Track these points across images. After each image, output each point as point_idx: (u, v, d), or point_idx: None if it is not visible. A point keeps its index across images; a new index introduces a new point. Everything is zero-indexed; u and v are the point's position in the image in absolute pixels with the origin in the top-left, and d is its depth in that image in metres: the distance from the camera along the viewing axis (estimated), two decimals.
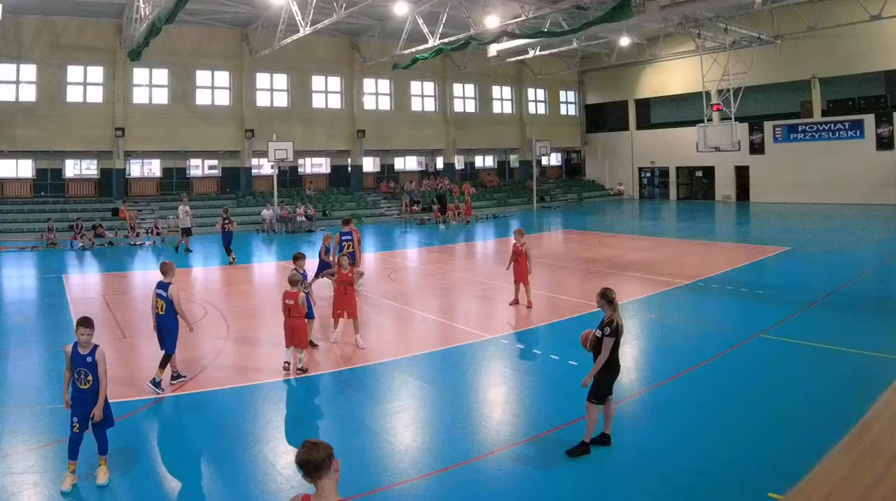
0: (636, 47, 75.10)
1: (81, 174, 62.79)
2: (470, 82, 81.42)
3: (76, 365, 12.32)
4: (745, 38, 63.97)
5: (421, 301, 29.41)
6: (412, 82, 76.46)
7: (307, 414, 16.65)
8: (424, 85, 78.03)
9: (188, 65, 63.42)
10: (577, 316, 24.79)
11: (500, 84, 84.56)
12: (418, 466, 13.11)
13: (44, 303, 30.64)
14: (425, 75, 76.21)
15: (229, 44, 64.93)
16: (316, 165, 74.27)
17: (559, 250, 46.58)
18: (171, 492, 12.38)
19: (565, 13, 51.36)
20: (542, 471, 12.90)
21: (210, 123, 64.06)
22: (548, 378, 18.78)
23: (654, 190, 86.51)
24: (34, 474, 12.77)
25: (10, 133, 55.95)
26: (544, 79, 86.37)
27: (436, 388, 17.96)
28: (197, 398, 17.25)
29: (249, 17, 60.61)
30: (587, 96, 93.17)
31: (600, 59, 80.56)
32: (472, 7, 51.24)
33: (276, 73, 67.95)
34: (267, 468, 13.35)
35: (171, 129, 61.86)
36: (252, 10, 57.19)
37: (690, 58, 72.05)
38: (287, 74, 68.59)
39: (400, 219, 66.31)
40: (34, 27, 56.46)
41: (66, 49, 57.70)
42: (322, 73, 70.76)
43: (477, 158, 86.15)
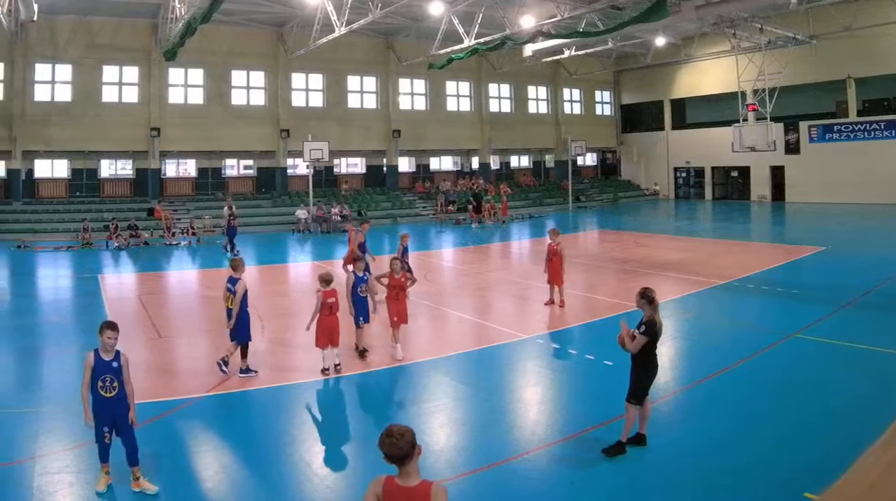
0: (672, 47, 73.83)
1: (117, 174, 62.61)
2: (505, 82, 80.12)
3: (101, 372, 12.04)
4: (781, 39, 62.41)
5: (456, 301, 29.21)
6: (447, 82, 75.47)
7: (342, 414, 16.56)
8: (460, 85, 76.95)
9: (224, 65, 63.04)
10: (612, 316, 24.21)
11: (536, 84, 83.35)
12: (454, 466, 12.99)
13: (80, 303, 30.62)
14: (461, 75, 75.16)
15: (265, 44, 64.38)
16: (351, 165, 73.64)
17: (595, 250, 45.93)
18: (206, 492, 12.30)
19: (601, 13, 50.35)
20: (577, 471, 12.86)
21: (245, 123, 63.53)
22: (583, 378, 18.76)
23: (689, 190, 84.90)
24: (69, 474, 12.73)
25: (45, 133, 55.91)
26: (580, 79, 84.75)
27: (471, 388, 17.91)
28: (232, 398, 17.17)
29: (285, 16, 59.94)
30: (623, 96, 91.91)
31: (636, 58, 79.37)
32: (507, 7, 50.35)
33: (312, 72, 67.27)
34: (303, 468, 13.35)
35: (207, 129, 61.55)
36: (287, 9, 56.47)
37: (726, 58, 70.68)
38: (322, 74, 67.85)
39: (435, 219, 65.50)
40: (70, 27, 56.29)
41: (102, 49, 57.57)
42: (357, 72, 69.94)
43: (512, 158, 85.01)
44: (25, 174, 57.50)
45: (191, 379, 18.44)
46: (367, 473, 12.32)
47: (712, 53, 73.45)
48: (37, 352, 21.67)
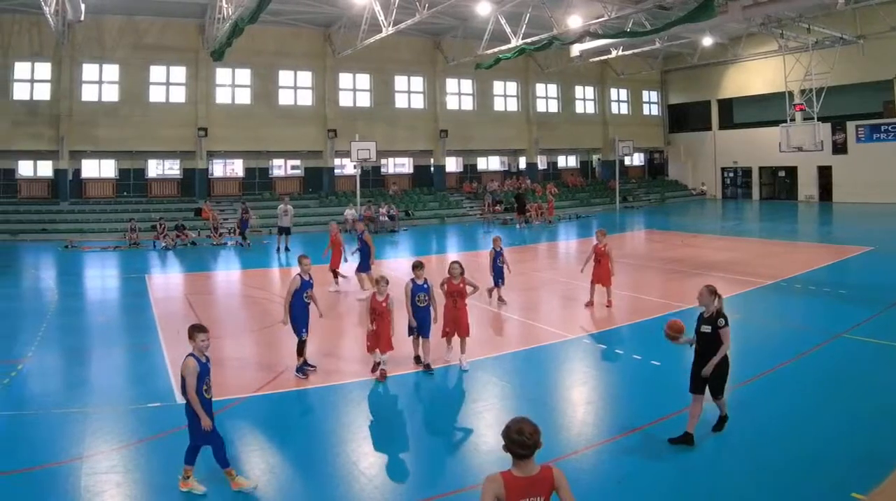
0: (719, 47, 72.78)
1: (164, 174, 62.34)
2: (552, 82, 78.76)
3: (205, 374, 12.03)
4: (828, 39, 60.82)
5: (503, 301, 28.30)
6: (495, 82, 74.30)
7: (389, 415, 16.23)
8: (507, 85, 75.79)
9: (271, 65, 62.54)
10: (659, 316, 24.18)
11: (583, 84, 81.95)
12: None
13: (126, 303, 30.32)
14: (508, 75, 73.98)
15: (312, 44, 63.84)
16: (399, 165, 73.00)
17: (642, 250, 45.65)
18: (253, 492, 11.99)
19: (648, 13, 49.96)
20: (625, 470, 12.70)
21: (292, 123, 63.08)
22: (630, 377, 18.54)
23: (736, 190, 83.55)
24: (116, 474, 12.65)
25: (93, 133, 55.82)
26: (627, 79, 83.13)
27: (519, 388, 17.78)
28: (280, 397, 17.01)
29: (332, 17, 59.58)
30: (670, 96, 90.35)
31: (683, 58, 78.44)
32: (554, 7, 49.41)
33: (359, 72, 66.54)
34: (350, 468, 13.18)
35: (254, 129, 61.07)
36: (335, 10, 56.08)
37: (773, 58, 68.97)
38: (370, 74, 67.08)
39: (482, 218, 64.26)
40: (117, 27, 56.15)
41: (149, 49, 57.38)
42: (405, 72, 69.25)
43: (559, 158, 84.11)
44: (73, 174, 57.23)
45: (238, 379, 18.19)
46: (416, 473, 13.05)
47: (759, 53, 72.23)
48: (84, 352, 21.49)
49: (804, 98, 60.79)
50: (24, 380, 18.24)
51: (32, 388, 17.75)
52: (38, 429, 14.70)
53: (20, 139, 54.02)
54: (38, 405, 16.31)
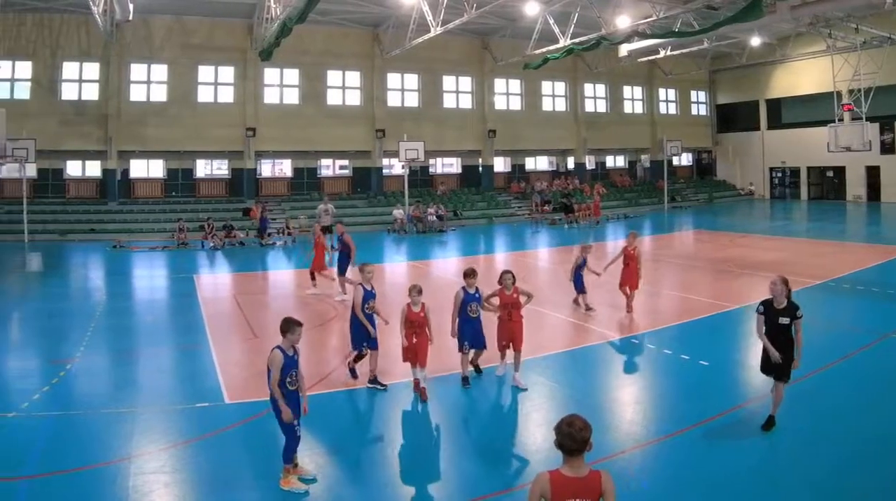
0: (767, 47, 71.15)
1: (212, 174, 62.02)
2: (601, 82, 77.11)
3: (289, 368, 12.06)
4: (876, 38, 59.65)
5: (551, 301, 27.53)
6: (543, 82, 73.00)
7: (439, 415, 15.80)
8: (555, 85, 74.40)
9: (319, 65, 61.75)
10: (707, 316, 24.38)
11: (631, 84, 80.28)
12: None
13: (175, 304, 30.05)
14: (556, 75, 72.43)
15: (360, 44, 62.89)
16: (447, 165, 71.88)
17: (690, 250, 45.31)
18: (303, 495, 11.83)
19: (696, 13, 48.63)
20: (674, 471, 12.59)
21: (341, 123, 62.17)
22: (678, 377, 18.22)
23: (784, 190, 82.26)
24: (164, 474, 12.52)
25: (141, 133, 55.39)
26: (675, 79, 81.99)
27: (566, 388, 17.57)
28: (328, 399, 16.61)
29: (380, 17, 58.68)
30: (718, 96, 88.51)
31: (731, 58, 76.97)
32: (603, 7, 48.76)
33: (407, 72, 65.69)
34: (399, 467, 13.09)
35: (302, 129, 60.40)
36: (383, 9, 55.33)
37: (821, 57, 67.50)
38: (418, 74, 66.18)
39: (530, 218, 63.22)
40: (165, 27, 55.83)
41: (197, 49, 57.05)
42: (453, 72, 68.21)
43: (608, 158, 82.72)
44: (121, 174, 56.93)
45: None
46: (464, 473, 12.86)
47: (807, 53, 70.54)
48: (132, 352, 21.31)
49: (852, 98, 60.28)
50: (72, 380, 18.06)
51: (81, 388, 17.59)
52: (87, 429, 14.54)
53: (68, 139, 53.62)
54: (87, 405, 16.12)
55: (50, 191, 56.10)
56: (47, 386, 17.28)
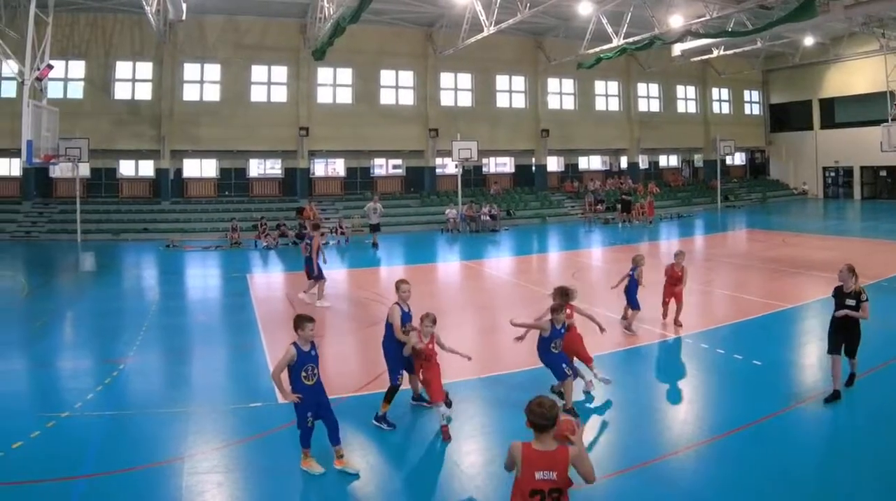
0: (820, 47, 69.56)
1: (265, 173, 60.96)
2: (654, 82, 75.24)
3: (304, 362, 12.21)
4: None
5: (604, 300, 26.48)
6: (596, 82, 71.07)
7: (490, 413, 15.48)
8: (608, 84, 72.47)
9: (372, 64, 60.43)
10: (760, 315, 23.88)
11: (684, 83, 78.33)
12: (603, 466, 12.16)
13: (228, 303, 29.70)
14: (609, 74, 70.58)
15: (413, 43, 61.65)
16: (500, 164, 70.24)
17: (743, 250, 44.37)
18: (353, 490, 11.97)
19: (749, 13, 48.17)
20: (726, 471, 12.41)
21: (394, 123, 60.97)
22: (731, 377, 17.82)
23: (838, 189, 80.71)
24: (218, 474, 12.45)
25: (194, 132, 54.90)
26: (728, 78, 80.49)
27: (620, 387, 16.99)
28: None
29: (434, 16, 57.70)
30: (771, 96, 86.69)
31: (784, 58, 75.15)
32: (656, 6, 48.11)
33: (461, 72, 64.11)
34: (451, 467, 12.86)
35: (355, 129, 59.14)
36: (436, 9, 54.36)
37: (874, 57, 66.79)
38: (471, 74, 64.54)
39: (583, 218, 61.68)
40: (218, 27, 55.09)
41: (251, 49, 56.11)
42: (506, 72, 66.43)
43: (661, 157, 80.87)
44: (174, 173, 56.30)
45: (338, 379, 17.50)
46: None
47: (861, 53, 68.67)
48: (185, 352, 21.06)
49: None
50: (125, 380, 17.85)
51: (134, 388, 17.40)
52: (140, 429, 14.37)
53: (122, 139, 53.19)
54: (140, 404, 15.95)
55: (103, 190, 55.55)
56: (101, 386, 17.04)
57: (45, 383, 18.19)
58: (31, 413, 15.29)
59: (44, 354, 20.73)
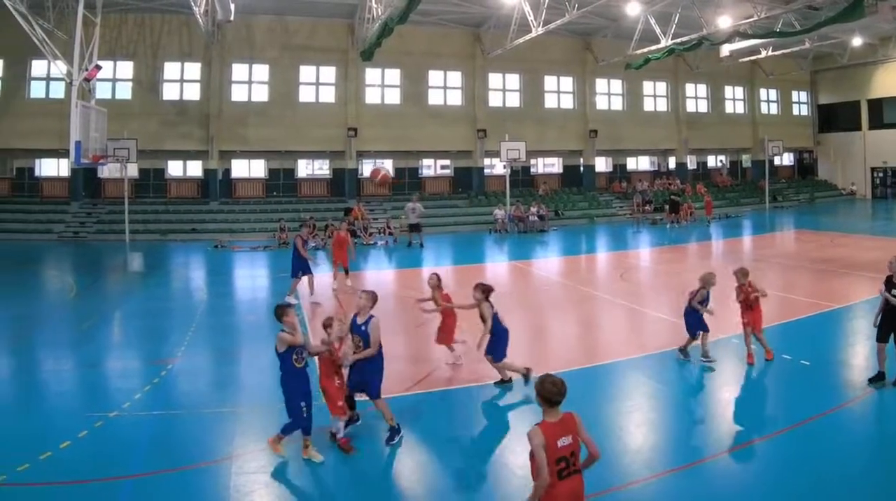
0: (868, 47, 67.62)
1: (313, 174, 59.84)
2: (702, 82, 73.40)
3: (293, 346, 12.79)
4: None
5: (653, 300, 27.51)
6: (644, 82, 69.55)
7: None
8: (657, 85, 70.96)
9: (420, 65, 59.29)
10: (808, 315, 23.59)
11: (733, 84, 76.77)
12: (651, 465, 12.38)
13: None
14: (657, 75, 68.94)
15: (462, 44, 60.33)
16: (548, 165, 68.54)
17: (791, 250, 43.60)
18: (402, 490, 11.98)
19: (797, 13, 47.37)
20: (776, 471, 12.19)
21: (442, 123, 59.75)
22: (780, 377, 17.57)
23: (886, 190, 79.23)
24: (265, 474, 12.34)
25: (242, 133, 54.16)
26: (776, 79, 78.78)
27: (668, 387, 16.99)
28: (430, 397, 16.43)
29: (482, 17, 56.30)
30: (819, 96, 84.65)
31: (832, 58, 73.42)
32: (704, 7, 47.17)
33: (509, 72, 62.70)
34: (499, 467, 12.82)
35: (403, 129, 58.24)
36: (484, 10, 53.20)
37: None
38: (519, 74, 63.06)
39: (632, 218, 60.48)
40: (266, 27, 54.40)
41: (299, 49, 55.37)
42: (554, 72, 64.84)
43: (709, 158, 79.31)
44: (222, 174, 55.44)
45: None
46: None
47: None
48: (232, 352, 20.99)
49: None
50: (173, 380, 17.71)
51: (182, 387, 17.28)
52: (188, 429, 14.34)
53: (170, 139, 52.58)
54: (188, 404, 15.88)
55: (151, 191, 54.68)
56: (148, 386, 16.90)
57: (93, 383, 17.97)
58: (80, 412, 15.11)
59: (92, 354, 20.45)
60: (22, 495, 11.51)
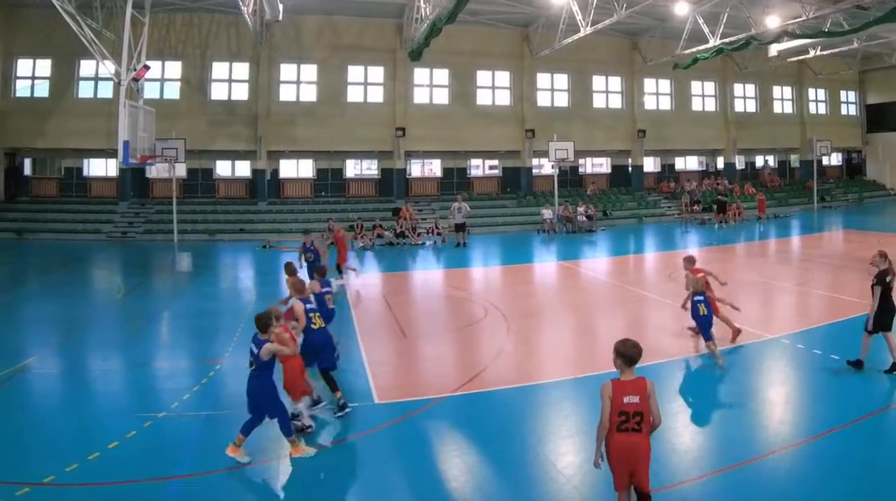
0: None
1: (361, 174, 58.46)
2: (750, 82, 72.10)
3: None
4: None
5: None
6: (692, 82, 67.50)
7: (587, 413, 14.69)
8: (705, 85, 68.83)
9: (469, 65, 57.72)
10: (856, 316, 21.93)
11: (781, 84, 75.25)
12: (699, 465, 12.29)
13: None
14: (705, 75, 67.09)
15: (510, 44, 58.65)
16: (596, 165, 66.62)
17: (839, 250, 42.74)
18: (451, 492, 11.70)
19: (846, 13, 45.47)
20: (822, 471, 12.12)
21: (490, 123, 58.10)
22: (828, 378, 17.29)
23: None
24: (315, 474, 12.41)
25: (291, 133, 53.03)
26: (825, 78, 76.77)
27: (716, 388, 16.89)
28: (477, 398, 16.20)
29: (530, 16, 54.74)
30: (868, 96, 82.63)
31: (881, 58, 70.72)
32: (752, 7, 46.13)
33: (557, 72, 61.01)
34: (548, 468, 12.47)
35: (452, 129, 56.82)
36: (533, 10, 51.78)
37: None
38: (567, 74, 61.35)
39: (680, 218, 59.31)
40: (315, 27, 53.40)
41: (347, 49, 54.12)
42: (602, 72, 63.12)
43: (757, 158, 77.87)
44: (270, 174, 54.37)
45: (435, 379, 17.54)
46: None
47: None
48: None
49: None
50: (221, 380, 17.63)
51: (230, 388, 16.87)
52: (236, 429, 13.64)
53: (218, 139, 51.72)
54: (236, 405, 14.95)
55: (199, 191, 53.71)
56: (197, 386, 16.88)
57: (141, 383, 17.87)
58: (128, 413, 15.06)
59: (140, 354, 20.27)
60: (70, 495, 11.38)
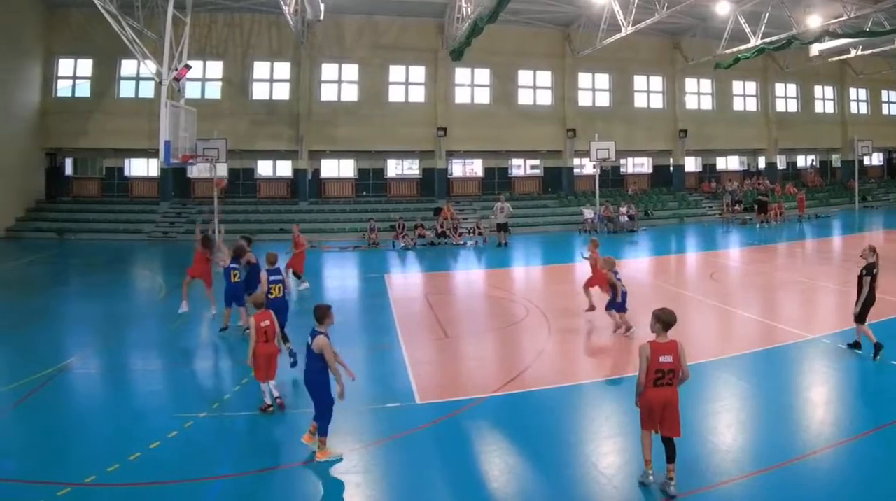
0: None
1: (403, 173, 57.64)
2: (791, 82, 70.67)
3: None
4: None
5: (742, 300, 26.74)
6: (734, 82, 65.88)
7: (627, 414, 14.39)
8: (746, 84, 67.35)
9: (510, 64, 56.57)
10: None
11: (822, 83, 73.55)
12: (741, 465, 12.07)
13: (366, 303, 28.80)
14: (747, 75, 65.56)
15: (551, 43, 57.39)
16: (638, 165, 65.54)
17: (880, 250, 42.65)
18: (492, 492, 11.63)
19: (887, 12, 44.85)
20: (865, 471, 11.95)
21: (532, 123, 56.98)
22: (869, 378, 17.31)
23: None
24: (356, 474, 12.32)
25: (332, 133, 52.24)
26: (866, 78, 75.06)
27: (757, 388, 16.66)
28: (518, 398, 16.12)
29: (571, 16, 53.73)
30: None
31: None
32: (793, 6, 45.28)
33: (598, 72, 59.62)
34: (588, 468, 12.38)
35: (493, 129, 55.73)
36: (574, 9, 50.85)
37: None
38: (609, 74, 59.93)
39: (721, 218, 58.20)
40: (356, 27, 52.33)
41: (388, 49, 53.17)
42: (643, 72, 61.70)
43: (798, 158, 76.26)
44: (312, 174, 53.47)
45: (477, 379, 17.49)
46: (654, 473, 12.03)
47: None
48: None
49: None
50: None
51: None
52: (277, 430, 14.34)
53: (260, 139, 50.92)
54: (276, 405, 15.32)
55: (241, 190, 52.81)
56: (237, 386, 16.88)
57: (182, 383, 17.90)
58: (169, 413, 15.14)
59: (181, 355, 20.37)
60: (111, 495, 11.44)
